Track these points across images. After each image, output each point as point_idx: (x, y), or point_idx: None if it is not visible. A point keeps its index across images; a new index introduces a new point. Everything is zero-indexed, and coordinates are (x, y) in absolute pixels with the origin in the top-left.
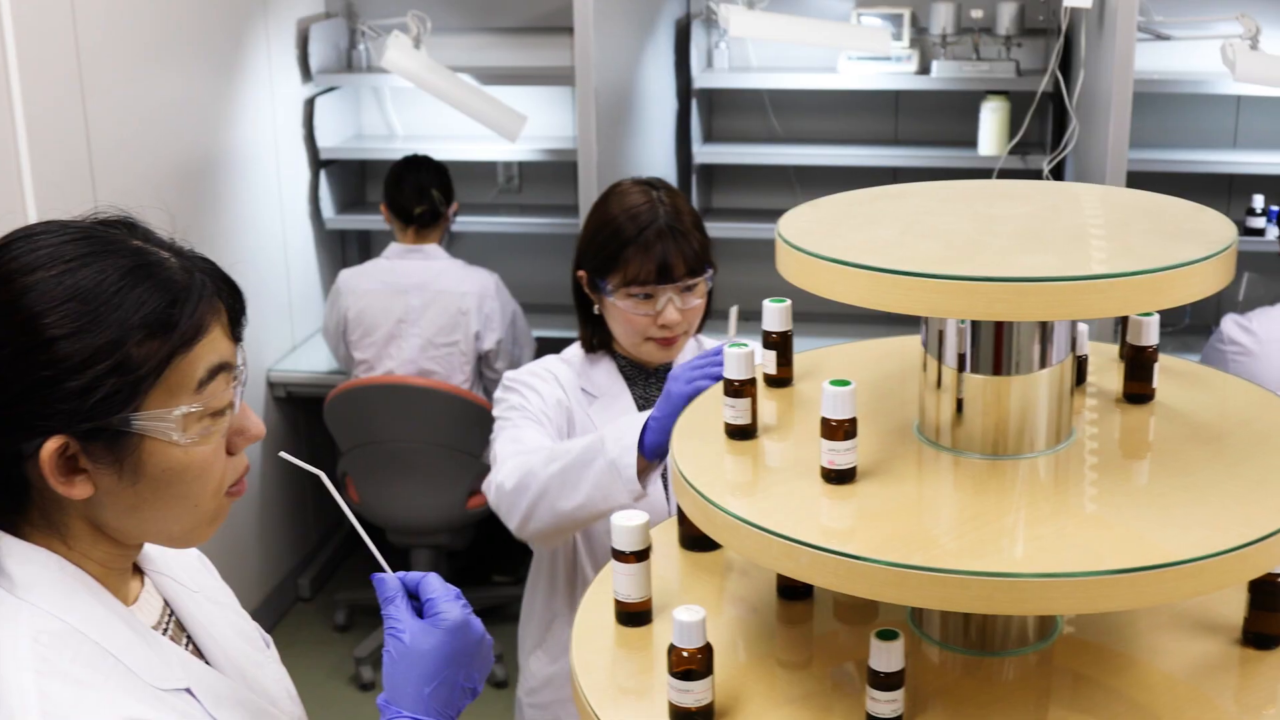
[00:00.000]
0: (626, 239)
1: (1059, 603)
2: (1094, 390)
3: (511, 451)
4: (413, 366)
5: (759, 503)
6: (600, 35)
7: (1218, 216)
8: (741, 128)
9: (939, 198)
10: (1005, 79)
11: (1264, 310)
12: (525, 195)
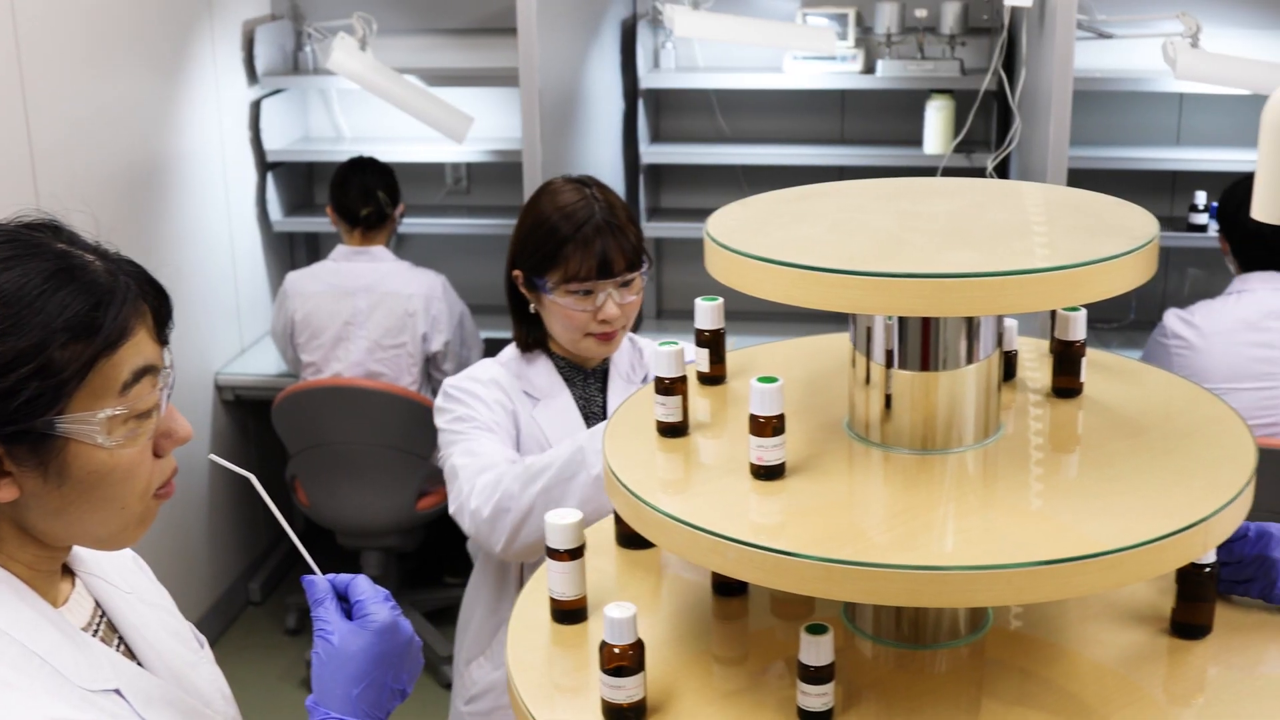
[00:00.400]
0: (564, 236)
1: (986, 594)
2: (1024, 385)
3: (473, 469)
4: (360, 369)
5: (688, 500)
6: (544, 36)
7: (1141, 212)
8: (689, 128)
9: (868, 195)
10: (949, 78)
11: (1205, 303)
12: (474, 196)
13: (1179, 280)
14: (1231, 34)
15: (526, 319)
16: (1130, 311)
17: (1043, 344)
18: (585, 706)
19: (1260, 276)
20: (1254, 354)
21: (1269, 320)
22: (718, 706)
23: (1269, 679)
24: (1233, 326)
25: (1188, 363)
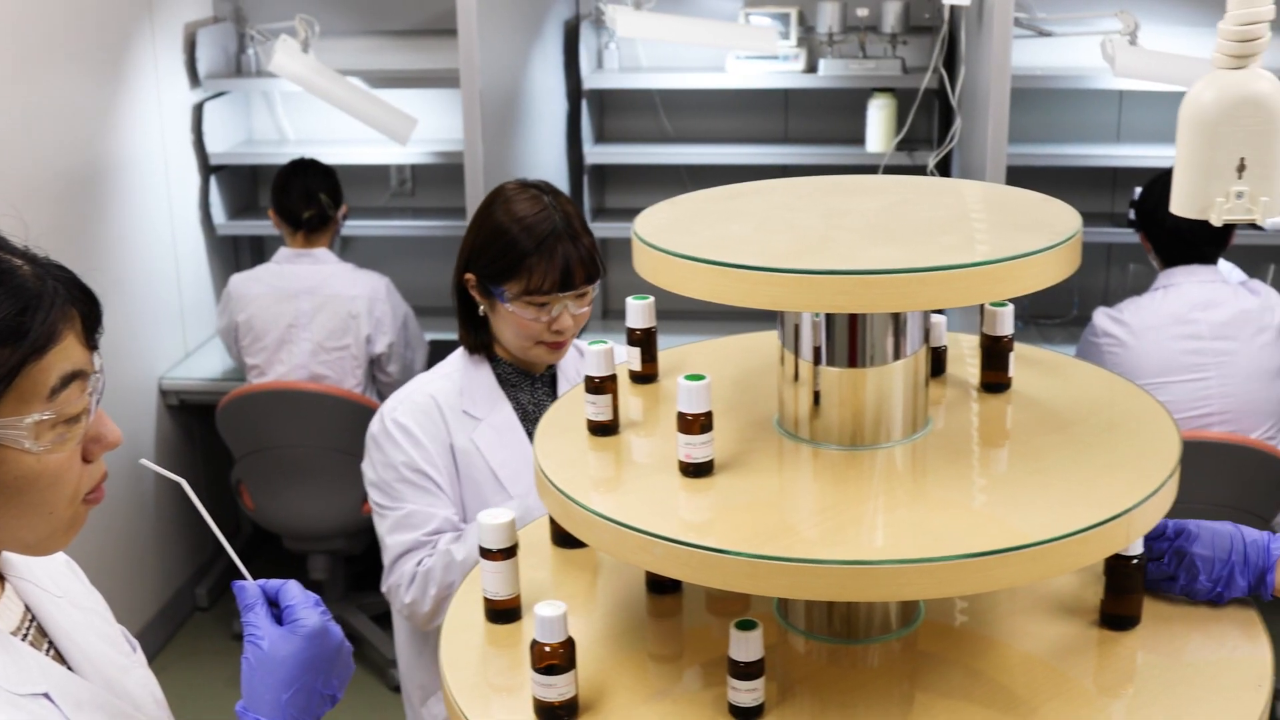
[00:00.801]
0: (526, 249)
1: (911, 588)
2: (954, 380)
3: (402, 545)
4: (304, 371)
5: (618, 498)
6: (485, 37)
7: (1065, 208)
8: (633, 128)
9: (798, 194)
10: (891, 76)
11: (1133, 300)
12: (419, 198)
13: (1121, 276)
14: (1170, 31)
15: (474, 322)
16: (1073, 307)
17: (973, 339)
18: (519, 706)
19: (1184, 271)
20: (1183, 347)
21: (1195, 313)
22: (650, 704)
23: (1196, 668)
24: (1161, 321)
25: (1119, 360)
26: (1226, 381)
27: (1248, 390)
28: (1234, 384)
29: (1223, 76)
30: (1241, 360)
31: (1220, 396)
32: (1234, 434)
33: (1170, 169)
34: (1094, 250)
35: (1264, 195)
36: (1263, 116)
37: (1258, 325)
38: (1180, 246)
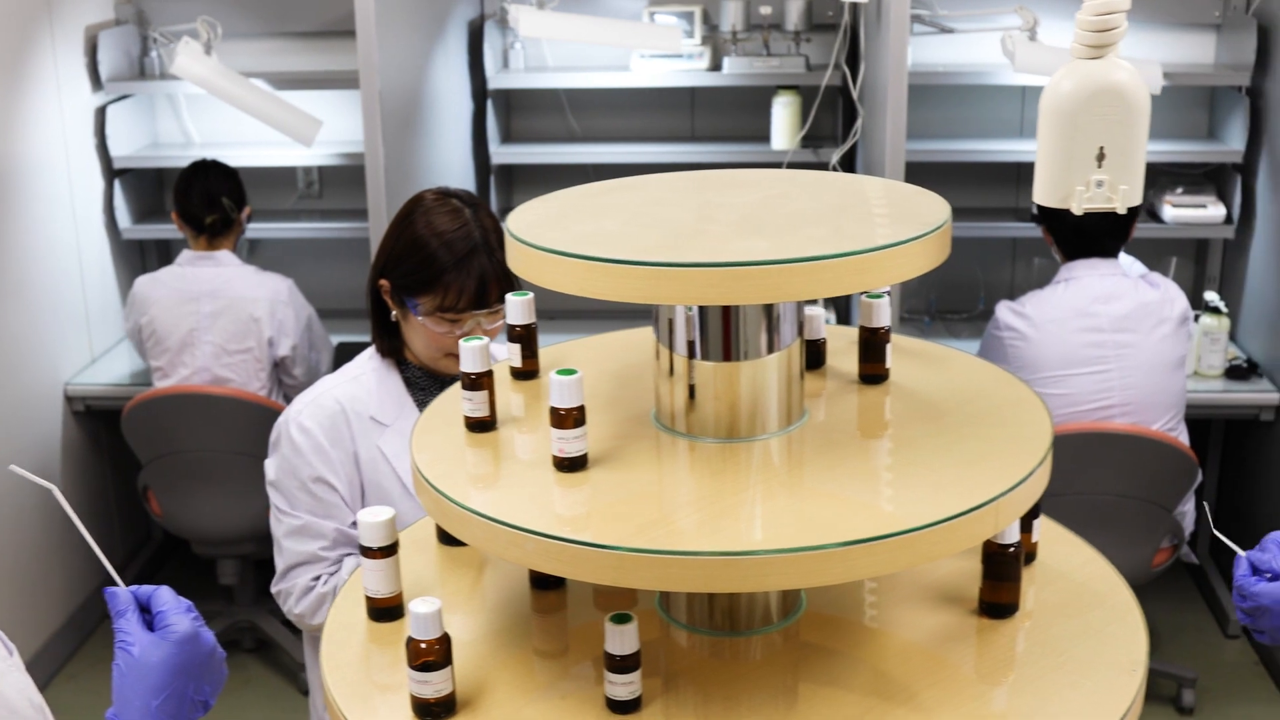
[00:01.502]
0: (443, 266)
1: (780, 578)
2: (833, 372)
3: (298, 556)
4: (207, 374)
5: (491, 494)
6: (385, 38)
7: (937, 200)
8: (541, 127)
9: (672, 188)
10: (795, 74)
11: (1035, 294)
12: (326, 200)
13: (1026, 270)
14: (1069, 27)
15: (386, 327)
16: (979, 302)
17: (852, 332)
18: (403, 703)
19: (1085, 264)
20: (1085, 339)
21: (1096, 305)
22: (529, 698)
23: (1074, 654)
24: (1063, 314)
25: (1021, 353)
26: (1127, 373)
27: (1148, 382)
28: (1135, 376)
29: (1081, 66)
30: (1142, 352)
31: (1121, 388)
32: (1136, 425)
33: None
34: (999, 245)
35: (1123, 184)
36: (1121, 106)
37: (1157, 318)
38: (1081, 240)
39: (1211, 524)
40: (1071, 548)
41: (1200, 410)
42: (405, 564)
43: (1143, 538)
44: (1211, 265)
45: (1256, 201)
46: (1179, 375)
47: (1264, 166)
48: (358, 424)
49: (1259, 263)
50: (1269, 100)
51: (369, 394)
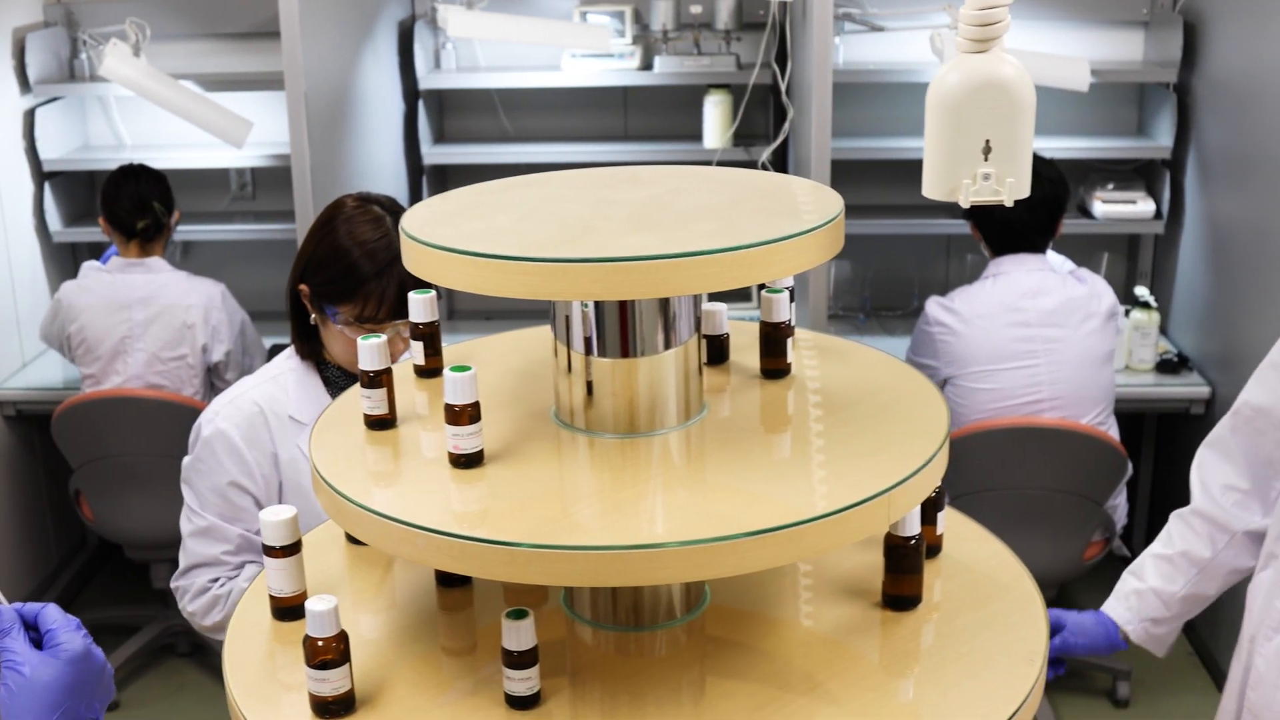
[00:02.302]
0: (364, 276)
1: (668, 571)
2: (736, 367)
3: (199, 556)
4: (140, 382)
5: (387, 490)
6: (310, 39)
7: (831, 195)
8: (474, 128)
9: (570, 185)
10: (726, 73)
11: (964, 289)
12: (260, 202)
13: (960, 267)
14: None
15: (306, 330)
16: (914, 299)
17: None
18: (305, 702)
19: (1013, 259)
20: (1013, 334)
21: (1025, 301)
22: (428, 695)
23: (975, 644)
24: (992, 309)
25: (951, 348)
26: (1055, 368)
27: (1077, 376)
28: (1063, 370)
29: (966, 60)
30: (1070, 347)
31: (1050, 383)
32: (1065, 419)
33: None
34: (933, 242)
35: (1010, 176)
36: (1005, 99)
37: (1085, 313)
38: (1008, 236)
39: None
40: (978, 540)
41: (1131, 404)
42: (313, 562)
43: (1074, 531)
44: (1143, 260)
45: (1185, 197)
46: (1108, 370)
47: (1192, 162)
48: (277, 425)
49: (1188, 257)
50: (1196, 96)
51: (288, 394)
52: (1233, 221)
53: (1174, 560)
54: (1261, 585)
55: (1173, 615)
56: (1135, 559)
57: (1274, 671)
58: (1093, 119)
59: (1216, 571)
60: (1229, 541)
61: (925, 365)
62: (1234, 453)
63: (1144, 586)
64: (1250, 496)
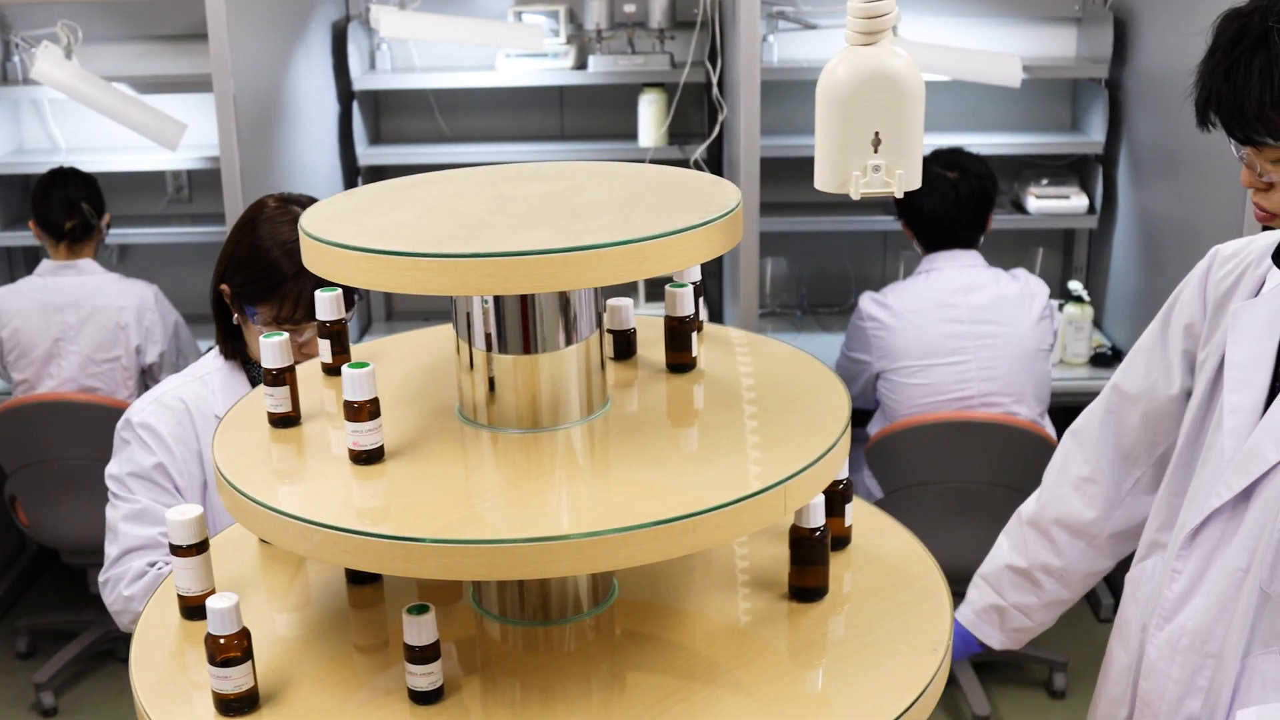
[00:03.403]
0: (283, 275)
1: (572, 562)
2: (643, 362)
3: (136, 539)
4: (74, 385)
5: (286, 488)
6: (240, 40)
7: (730, 189)
8: (410, 128)
9: (472, 182)
10: (660, 71)
11: (897, 285)
12: (196, 204)
13: (896, 263)
14: (932, 22)
15: (229, 330)
16: (850, 295)
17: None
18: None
19: (945, 256)
20: (944, 330)
21: (957, 297)
22: (334, 692)
23: (880, 634)
24: (924, 305)
25: (884, 343)
26: (986, 364)
27: (1009, 372)
28: (994, 366)
29: (855, 53)
30: (1001, 343)
31: (979, 379)
32: (998, 414)
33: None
34: (869, 239)
35: (899, 168)
36: (894, 92)
37: (1017, 309)
38: (938, 231)
39: None
40: (888, 532)
41: (1066, 398)
42: (226, 561)
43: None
44: (1077, 255)
45: (1118, 191)
46: (1042, 365)
47: (1124, 157)
48: (203, 423)
49: (1121, 251)
50: (1127, 92)
51: (214, 394)
52: (1163, 215)
53: (1030, 574)
54: (1146, 573)
55: (1036, 624)
56: (990, 559)
57: (1165, 661)
58: (1027, 115)
59: (1072, 578)
60: (1084, 549)
61: (859, 360)
62: (1096, 444)
63: (1004, 603)
64: (1105, 492)
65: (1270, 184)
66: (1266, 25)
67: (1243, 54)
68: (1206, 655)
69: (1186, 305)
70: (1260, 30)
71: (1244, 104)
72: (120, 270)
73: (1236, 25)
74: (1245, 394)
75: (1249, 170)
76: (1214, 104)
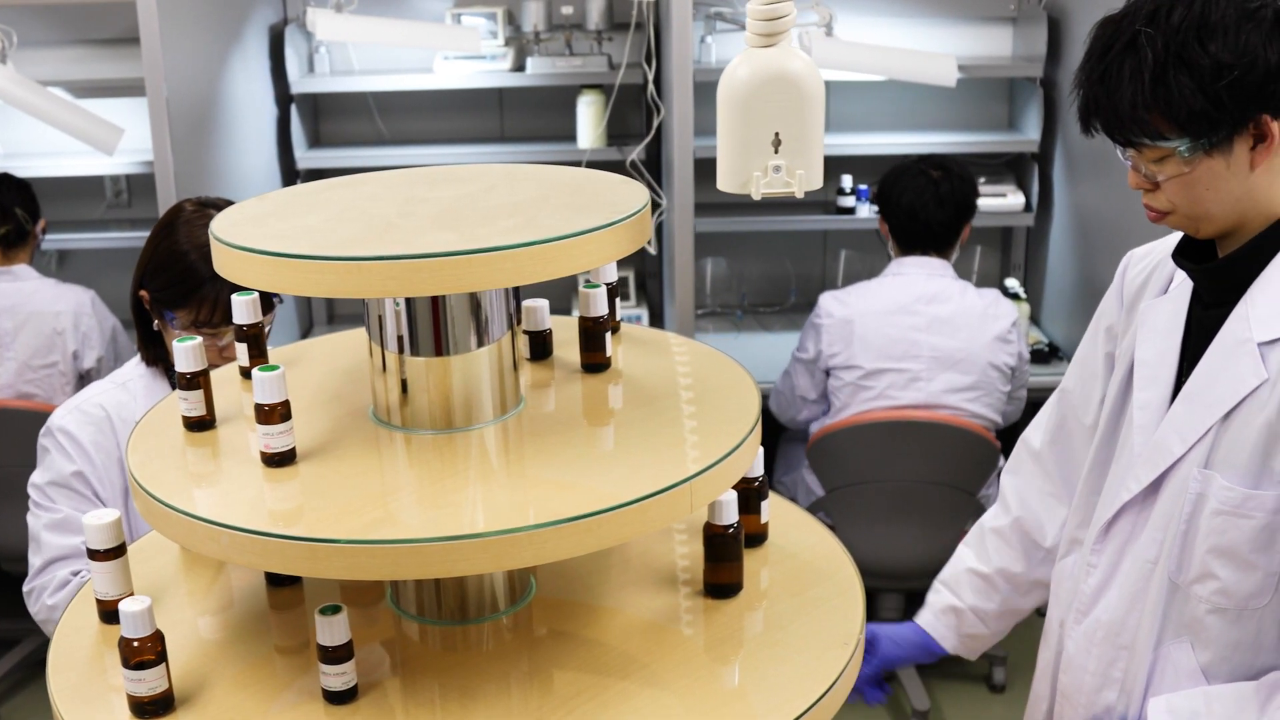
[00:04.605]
0: (200, 279)
1: (474, 562)
2: (559, 362)
3: (60, 549)
4: (11, 391)
5: (198, 490)
6: (173, 44)
7: (638, 190)
8: (349, 131)
9: (387, 184)
10: (598, 73)
11: (861, 285)
12: (136, 209)
13: (835, 263)
14: (866, 22)
15: (150, 336)
16: (791, 294)
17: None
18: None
19: (915, 261)
20: (902, 336)
21: (920, 305)
22: (251, 693)
23: (794, 632)
24: (885, 307)
25: (835, 340)
26: (936, 376)
27: (960, 381)
28: (941, 381)
29: (755, 55)
30: (956, 354)
31: (928, 391)
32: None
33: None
34: (810, 238)
35: (800, 168)
36: (793, 93)
37: (978, 326)
38: (914, 227)
39: None
40: (805, 528)
41: None
42: (147, 565)
43: (948, 521)
44: (1015, 253)
45: (1054, 189)
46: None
47: (1059, 155)
48: (124, 430)
49: (1058, 248)
50: (1061, 90)
51: (136, 399)
52: (1098, 212)
53: (991, 579)
54: (1065, 570)
55: (991, 633)
56: (950, 566)
57: (1082, 654)
58: (964, 114)
59: (1032, 587)
60: (1044, 557)
61: (806, 360)
62: (1050, 453)
63: (962, 605)
64: (1063, 500)
65: (1156, 184)
66: (1135, 30)
67: (1114, 59)
68: (1120, 647)
69: (1107, 309)
70: (1130, 35)
71: (1118, 108)
72: (60, 276)
73: (1108, 31)
74: (1153, 390)
75: (1134, 172)
76: (1092, 109)
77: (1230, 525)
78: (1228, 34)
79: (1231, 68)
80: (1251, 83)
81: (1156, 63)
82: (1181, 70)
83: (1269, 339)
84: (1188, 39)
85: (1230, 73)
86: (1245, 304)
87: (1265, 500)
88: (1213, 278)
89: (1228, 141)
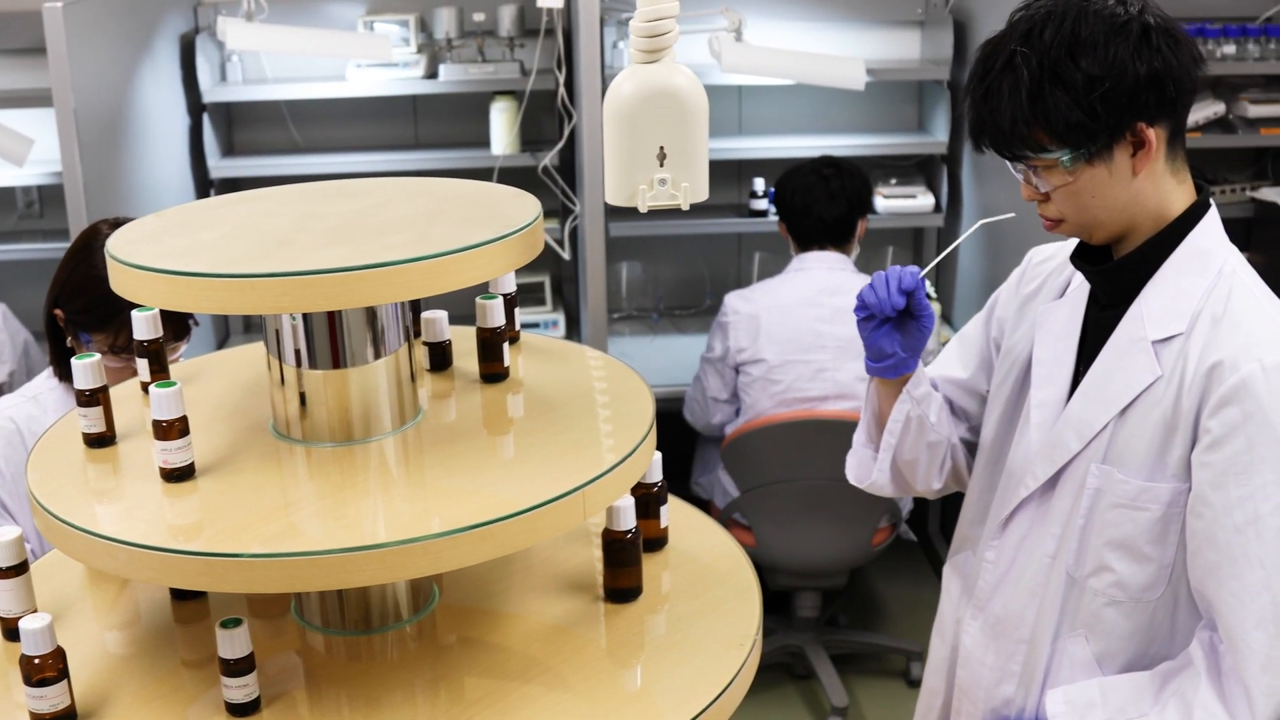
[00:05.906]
0: (119, 305)
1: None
2: (458, 373)
3: None
4: None
5: (97, 507)
6: (80, 54)
7: (530, 202)
8: (263, 140)
9: (283, 200)
10: (510, 79)
11: (765, 282)
12: (48, 220)
13: (750, 264)
14: (775, 26)
15: (64, 352)
16: (706, 297)
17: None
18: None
19: (816, 256)
20: (808, 328)
21: (823, 297)
22: (154, 707)
23: (692, 634)
24: (790, 303)
25: (742, 338)
26: (841, 365)
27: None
28: (850, 367)
29: (640, 70)
30: (855, 346)
31: (835, 382)
32: (847, 411)
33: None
34: (725, 241)
35: (685, 181)
36: (678, 107)
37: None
38: (809, 223)
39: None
40: (705, 532)
41: None
42: (51, 581)
43: (862, 519)
44: (926, 253)
45: (962, 190)
46: None
47: (967, 156)
48: (32, 440)
49: (967, 248)
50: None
51: (47, 413)
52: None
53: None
54: (958, 567)
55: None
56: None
57: (980, 648)
58: (874, 117)
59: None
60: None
61: (714, 360)
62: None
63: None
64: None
65: (1046, 195)
66: (1011, 49)
67: (995, 79)
68: (1018, 640)
69: (1003, 299)
70: (1007, 55)
71: (1001, 125)
72: None
73: (988, 52)
74: (1050, 389)
75: (1025, 185)
76: (979, 128)
77: (1126, 518)
78: (1097, 49)
79: (1103, 80)
80: (1123, 93)
81: (1033, 80)
82: (1056, 85)
83: (1162, 337)
84: (1060, 56)
85: (1102, 85)
86: (1139, 304)
87: (1160, 493)
88: (1108, 279)
89: (1108, 150)
